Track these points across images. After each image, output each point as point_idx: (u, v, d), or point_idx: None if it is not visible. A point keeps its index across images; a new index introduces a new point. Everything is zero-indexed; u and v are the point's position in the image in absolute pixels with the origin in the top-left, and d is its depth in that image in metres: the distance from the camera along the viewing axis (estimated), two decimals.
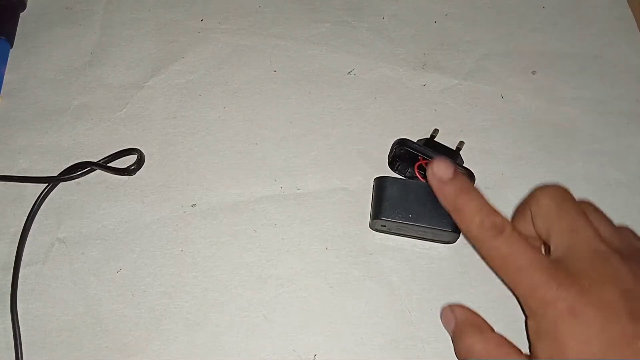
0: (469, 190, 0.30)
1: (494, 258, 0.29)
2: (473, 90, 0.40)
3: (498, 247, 0.29)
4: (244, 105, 0.40)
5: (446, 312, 0.32)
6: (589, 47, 0.42)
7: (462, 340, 0.30)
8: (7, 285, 0.34)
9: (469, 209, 0.30)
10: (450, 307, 0.32)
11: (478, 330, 0.30)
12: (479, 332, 0.30)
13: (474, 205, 0.30)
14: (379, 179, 0.34)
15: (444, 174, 0.31)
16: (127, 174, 0.38)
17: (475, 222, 0.29)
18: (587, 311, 0.27)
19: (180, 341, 0.33)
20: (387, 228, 0.35)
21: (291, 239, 0.36)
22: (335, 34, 0.43)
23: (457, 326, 0.31)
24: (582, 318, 0.27)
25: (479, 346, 0.29)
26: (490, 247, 0.29)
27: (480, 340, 0.29)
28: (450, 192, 0.30)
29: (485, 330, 0.30)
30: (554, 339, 0.27)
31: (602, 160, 0.38)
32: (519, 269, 0.28)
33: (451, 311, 0.31)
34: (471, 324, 0.31)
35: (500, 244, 0.29)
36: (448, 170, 0.31)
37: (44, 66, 0.42)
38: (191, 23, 0.44)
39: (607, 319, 0.26)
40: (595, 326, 0.26)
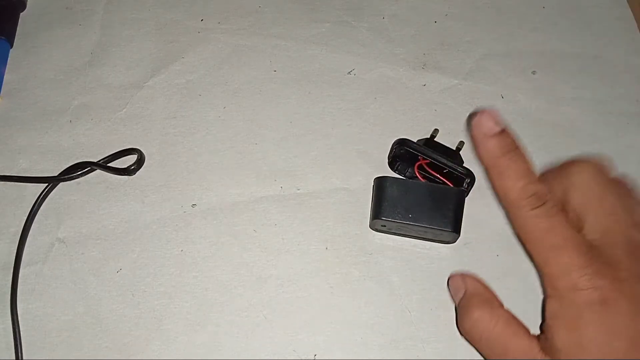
0: (516, 150, 0.28)
1: (529, 230, 0.27)
2: (473, 90, 0.40)
3: (536, 219, 0.27)
4: (244, 105, 0.40)
5: (456, 279, 0.30)
6: (589, 47, 0.42)
7: (469, 313, 0.28)
8: (7, 285, 0.34)
9: (512, 171, 0.27)
10: (462, 275, 0.30)
11: (488, 304, 0.28)
12: (488, 306, 0.28)
13: (519, 167, 0.27)
14: (379, 179, 0.34)
15: (492, 126, 0.28)
16: (127, 174, 0.38)
17: (518, 186, 0.27)
18: (619, 302, 0.25)
19: (180, 341, 0.33)
20: (387, 228, 0.35)
21: (291, 239, 0.36)
22: (335, 34, 0.43)
23: (466, 296, 0.29)
24: (613, 308, 0.25)
25: (485, 322, 0.28)
26: (528, 216, 0.27)
27: (488, 316, 0.28)
28: (495, 148, 0.28)
29: (495, 306, 0.29)
30: (576, 326, 0.26)
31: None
32: (555, 246, 0.27)
33: (462, 279, 0.30)
34: (481, 297, 0.29)
35: (539, 215, 0.27)
36: (497, 123, 0.28)
37: (44, 66, 0.42)
38: (191, 23, 0.44)
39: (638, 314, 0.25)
40: (625, 319, 0.25)
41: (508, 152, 0.28)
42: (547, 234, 0.27)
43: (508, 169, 0.27)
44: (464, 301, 0.29)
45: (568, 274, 0.26)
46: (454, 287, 0.31)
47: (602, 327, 0.25)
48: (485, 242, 0.35)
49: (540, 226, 0.27)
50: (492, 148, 0.28)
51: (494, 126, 0.28)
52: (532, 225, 0.27)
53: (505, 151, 0.28)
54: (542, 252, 0.27)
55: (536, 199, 0.27)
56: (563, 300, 0.26)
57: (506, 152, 0.28)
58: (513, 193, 0.27)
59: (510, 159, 0.28)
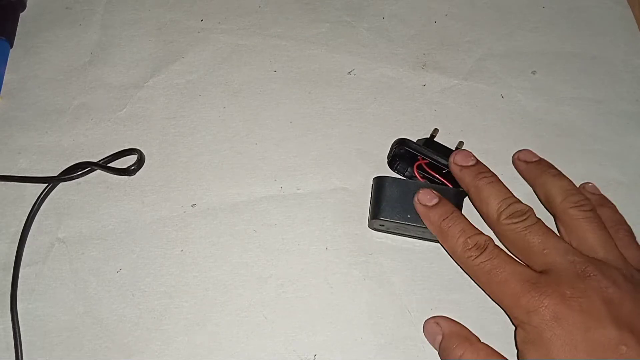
0: (452, 214, 0.32)
1: (479, 275, 0.30)
2: (473, 90, 0.40)
3: (481, 264, 0.30)
4: (244, 105, 0.40)
5: (430, 325, 0.32)
6: (589, 47, 0.42)
7: (453, 353, 0.30)
8: (7, 285, 0.34)
9: (452, 232, 0.31)
10: (435, 319, 0.32)
11: (467, 341, 0.30)
12: (468, 343, 0.30)
13: (457, 227, 0.31)
14: (378, 179, 0.34)
15: (428, 201, 0.33)
16: (127, 174, 0.38)
17: (459, 242, 0.31)
18: (570, 317, 0.27)
19: (180, 341, 0.33)
20: (386, 228, 0.35)
21: (291, 239, 0.36)
22: (335, 34, 0.43)
23: (445, 338, 0.31)
24: (565, 324, 0.27)
25: (470, 356, 0.30)
26: (474, 264, 0.30)
27: (470, 352, 0.30)
28: (435, 217, 0.32)
29: (474, 341, 0.31)
30: (541, 345, 0.28)
31: (602, 160, 0.38)
32: (502, 281, 0.29)
33: (436, 323, 0.32)
34: (459, 336, 0.31)
35: (483, 260, 0.30)
36: (432, 197, 0.33)
37: (44, 66, 0.42)
38: (191, 23, 0.44)
39: (591, 325, 0.27)
40: (580, 331, 0.27)
41: (445, 218, 0.32)
42: (492, 274, 0.30)
43: (449, 231, 0.31)
44: (444, 343, 0.31)
45: (518, 301, 0.29)
46: (429, 332, 0.32)
47: (563, 341, 0.27)
48: None
49: (485, 270, 0.30)
50: (433, 217, 0.32)
51: (431, 200, 0.33)
52: (479, 271, 0.30)
53: (443, 218, 0.32)
54: (494, 291, 0.30)
55: (476, 249, 0.30)
56: (524, 326, 0.29)
57: (444, 218, 0.32)
58: (458, 248, 0.31)
59: (448, 223, 0.32)
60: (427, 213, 0.32)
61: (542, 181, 0.34)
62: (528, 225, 0.31)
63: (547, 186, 0.33)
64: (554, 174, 0.34)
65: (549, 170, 0.34)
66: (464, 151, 0.34)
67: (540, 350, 0.28)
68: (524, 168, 0.36)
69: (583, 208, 0.32)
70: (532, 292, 0.28)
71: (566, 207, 0.32)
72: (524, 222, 0.31)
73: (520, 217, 0.31)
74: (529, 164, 0.36)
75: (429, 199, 0.33)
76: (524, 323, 0.29)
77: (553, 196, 0.33)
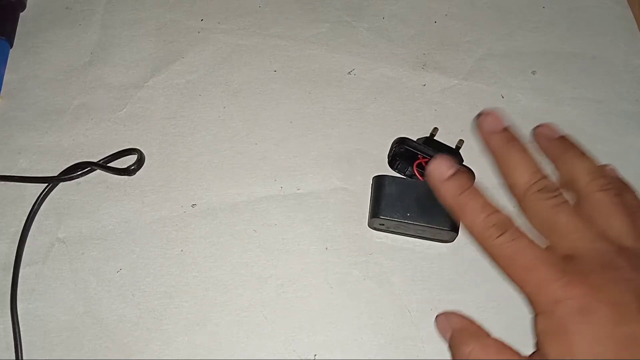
0: (472, 187, 0.30)
1: (500, 256, 0.29)
2: (473, 90, 0.40)
3: (503, 245, 0.28)
4: (244, 105, 0.40)
5: (441, 320, 0.31)
6: (589, 47, 0.42)
7: (461, 348, 0.29)
8: (7, 285, 0.34)
9: (471, 207, 0.29)
10: (445, 315, 0.31)
11: (476, 337, 0.29)
12: (476, 338, 0.29)
13: (477, 202, 0.29)
14: (378, 178, 0.34)
15: (445, 171, 0.30)
16: (127, 174, 0.38)
17: (480, 219, 0.29)
18: (598, 310, 0.26)
19: (180, 341, 0.33)
20: (386, 227, 0.35)
21: (291, 239, 0.36)
22: (335, 34, 0.43)
23: (454, 334, 0.30)
24: (593, 317, 0.26)
25: (477, 354, 0.29)
26: (495, 245, 0.28)
27: (479, 347, 0.29)
28: (452, 190, 0.30)
29: (483, 337, 0.30)
30: (564, 338, 0.26)
31: (602, 160, 0.38)
32: (526, 266, 0.28)
33: (446, 319, 0.31)
34: (468, 331, 0.30)
35: (505, 241, 0.28)
36: (449, 168, 0.30)
37: (44, 66, 0.42)
38: (191, 23, 0.44)
39: (619, 319, 0.26)
40: (607, 325, 0.26)
41: (464, 190, 0.29)
42: (516, 257, 0.28)
43: (467, 206, 0.29)
44: (453, 340, 0.30)
45: (544, 288, 0.27)
46: (440, 328, 0.32)
47: (588, 335, 0.26)
48: None
49: (507, 251, 0.28)
50: (450, 189, 0.30)
51: (447, 170, 0.30)
52: (501, 252, 0.28)
53: (462, 190, 0.29)
54: (517, 275, 0.28)
55: (498, 228, 0.28)
56: (547, 315, 0.27)
57: (463, 190, 0.29)
58: (477, 226, 0.29)
59: (468, 196, 0.29)
60: (442, 185, 0.30)
61: (565, 159, 0.32)
62: (558, 204, 0.29)
63: (571, 165, 0.31)
64: (578, 154, 0.32)
65: (572, 149, 0.32)
66: (493, 114, 0.31)
67: (562, 343, 0.26)
68: (546, 145, 0.33)
69: (611, 192, 0.30)
70: (560, 281, 0.27)
71: (593, 189, 0.30)
72: (554, 200, 0.29)
73: (550, 194, 0.29)
74: (552, 141, 0.33)
75: (445, 168, 0.30)
76: (547, 312, 0.27)
77: (578, 177, 0.31)
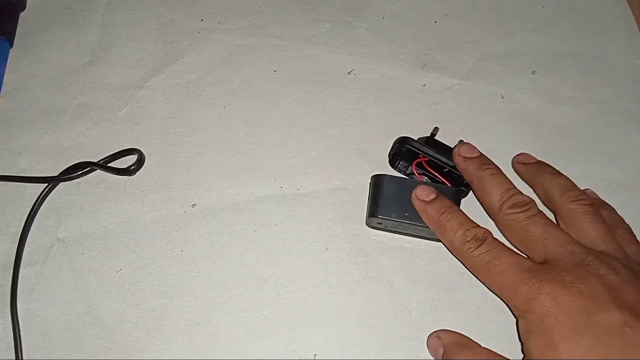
0: (450, 208, 0.32)
1: (478, 266, 0.31)
2: (473, 90, 0.40)
3: (480, 256, 0.30)
4: (244, 105, 0.40)
5: (432, 339, 0.32)
6: (589, 47, 0.42)
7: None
8: (7, 285, 0.34)
9: (451, 225, 0.32)
10: (436, 333, 0.32)
11: (467, 348, 0.31)
12: (467, 350, 0.30)
13: (455, 220, 0.32)
14: (376, 177, 0.34)
15: (426, 196, 0.33)
16: (127, 174, 0.38)
17: (458, 235, 0.31)
18: (571, 301, 0.27)
19: (180, 341, 0.33)
20: (384, 226, 0.35)
21: (291, 239, 0.36)
22: (335, 34, 0.43)
23: (446, 349, 0.31)
24: (567, 309, 0.27)
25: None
26: (473, 256, 0.30)
27: (470, 357, 0.30)
28: (433, 212, 0.32)
29: (474, 347, 0.31)
30: (543, 333, 0.27)
31: (602, 160, 0.38)
32: (502, 271, 0.29)
33: (437, 337, 0.32)
34: (459, 344, 0.31)
35: (482, 252, 0.30)
36: (430, 193, 0.33)
37: (44, 66, 0.42)
38: (191, 23, 0.44)
39: (593, 308, 0.27)
40: (582, 315, 0.27)
41: (444, 212, 0.32)
42: (491, 265, 0.30)
43: (448, 224, 0.32)
44: (445, 354, 0.31)
45: (518, 290, 0.29)
46: (432, 347, 0.32)
47: (565, 326, 0.27)
48: None
49: (484, 261, 0.30)
50: (431, 212, 0.32)
51: (429, 195, 0.33)
52: (478, 263, 0.30)
53: (441, 212, 0.32)
54: (494, 282, 0.30)
55: (475, 241, 0.31)
56: (525, 315, 0.29)
57: (442, 212, 0.32)
58: (456, 241, 0.31)
59: (447, 215, 0.32)
60: (425, 208, 0.33)
61: (541, 179, 0.34)
62: (530, 216, 0.31)
63: (546, 184, 0.34)
64: (552, 172, 0.34)
65: (547, 169, 0.35)
66: (468, 144, 0.35)
67: (542, 338, 0.27)
68: (523, 170, 0.36)
69: (582, 202, 0.32)
70: (532, 280, 0.28)
71: (565, 201, 0.32)
72: (526, 213, 0.31)
73: (522, 208, 0.31)
74: (527, 165, 0.36)
75: (426, 194, 0.33)
76: (525, 312, 0.28)
77: (552, 192, 0.33)
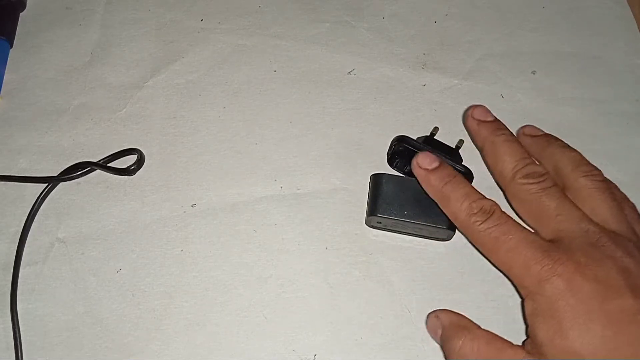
0: (454, 177, 0.30)
1: (485, 241, 0.29)
2: (473, 90, 0.40)
3: (488, 230, 0.29)
4: (244, 105, 0.40)
5: (431, 319, 0.31)
6: (589, 47, 0.42)
7: (451, 343, 0.29)
8: (7, 285, 0.34)
9: (455, 196, 0.30)
10: (435, 313, 0.31)
11: (466, 330, 0.29)
12: (466, 332, 0.29)
13: (461, 191, 0.30)
14: (375, 176, 0.35)
15: (428, 164, 0.31)
16: (127, 174, 0.38)
17: (464, 207, 0.29)
18: (585, 286, 0.26)
19: (180, 341, 0.33)
20: (383, 225, 0.35)
21: (291, 239, 0.36)
22: (335, 34, 0.43)
23: (444, 330, 0.30)
24: (581, 293, 0.26)
25: (468, 347, 0.29)
26: (480, 230, 0.29)
27: (469, 340, 0.29)
28: (436, 180, 0.31)
29: (473, 329, 0.30)
30: (553, 317, 0.26)
31: (602, 160, 0.38)
32: (512, 248, 0.28)
33: (436, 317, 0.31)
34: (458, 326, 0.30)
35: (490, 226, 0.28)
36: (432, 160, 0.31)
37: (44, 66, 0.42)
38: (191, 23, 0.44)
39: (607, 294, 0.26)
40: (595, 301, 0.26)
41: (448, 181, 0.30)
42: (501, 240, 0.28)
43: (452, 194, 0.30)
44: (443, 335, 0.30)
45: (530, 269, 0.27)
46: (431, 327, 0.32)
47: (576, 311, 0.26)
48: None
49: (492, 236, 0.28)
50: (434, 181, 0.31)
51: (431, 163, 0.31)
52: (485, 238, 0.29)
53: (445, 181, 0.30)
54: (502, 259, 0.29)
55: (482, 214, 0.29)
56: (534, 296, 0.27)
57: (446, 181, 0.30)
58: (462, 213, 0.30)
59: (452, 185, 0.30)
60: (428, 177, 0.31)
61: (551, 152, 0.32)
62: (544, 188, 0.29)
63: (556, 157, 0.32)
64: (562, 145, 0.33)
65: (556, 142, 0.33)
66: (482, 106, 0.33)
67: (551, 322, 0.26)
68: (530, 142, 0.34)
69: (595, 178, 0.30)
70: (545, 260, 0.27)
71: (577, 176, 0.31)
72: (541, 184, 0.29)
73: (537, 179, 0.30)
74: (535, 137, 0.34)
75: (428, 162, 0.31)
76: (534, 293, 0.27)
77: (562, 166, 0.31)
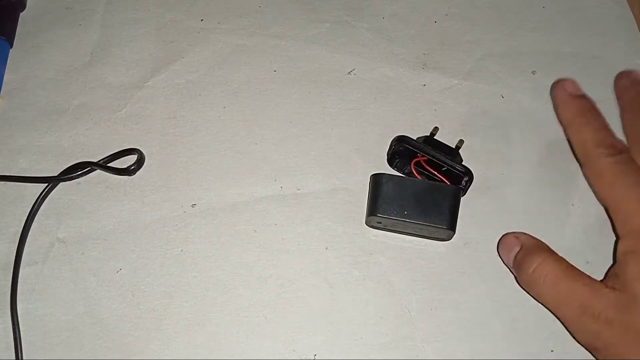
0: (595, 110, 0.30)
1: (606, 173, 0.29)
2: (473, 90, 0.40)
3: (611, 164, 0.29)
4: (244, 105, 0.40)
5: (509, 238, 0.31)
6: (589, 47, 0.42)
7: (532, 258, 0.29)
8: (7, 285, 0.34)
9: (592, 126, 0.30)
10: (514, 234, 0.31)
11: (549, 251, 0.29)
12: (550, 252, 0.29)
13: (599, 123, 0.30)
14: (375, 176, 0.35)
15: (576, 90, 0.31)
16: (127, 174, 0.38)
17: (597, 137, 0.30)
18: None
19: (180, 341, 0.33)
20: (383, 225, 0.35)
21: (291, 239, 0.36)
22: (335, 34, 0.43)
23: (524, 249, 0.30)
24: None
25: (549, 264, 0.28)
26: (604, 162, 0.29)
27: (552, 260, 0.28)
28: (577, 106, 0.31)
29: (554, 253, 0.29)
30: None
31: None
32: (631, 185, 0.28)
33: (515, 237, 0.31)
34: (541, 247, 0.30)
35: (615, 161, 0.29)
36: (579, 88, 0.31)
37: (44, 66, 0.42)
38: (191, 23, 0.44)
39: None
40: None
41: (589, 111, 0.30)
42: (621, 176, 0.28)
43: (588, 124, 0.30)
44: (522, 253, 0.30)
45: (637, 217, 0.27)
46: (506, 247, 0.31)
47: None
48: (485, 242, 0.35)
49: (614, 170, 0.29)
50: (574, 107, 0.31)
51: (579, 90, 0.31)
52: (607, 169, 0.29)
53: (586, 110, 0.30)
54: (616, 194, 0.29)
55: (613, 148, 0.29)
56: (637, 236, 0.27)
57: (587, 111, 0.30)
58: (590, 143, 0.30)
59: (592, 116, 0.30)
60: (570, 101, 0.31)
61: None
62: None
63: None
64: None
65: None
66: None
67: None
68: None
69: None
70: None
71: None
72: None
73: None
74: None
75: (576, 88, 0.31)
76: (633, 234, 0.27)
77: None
